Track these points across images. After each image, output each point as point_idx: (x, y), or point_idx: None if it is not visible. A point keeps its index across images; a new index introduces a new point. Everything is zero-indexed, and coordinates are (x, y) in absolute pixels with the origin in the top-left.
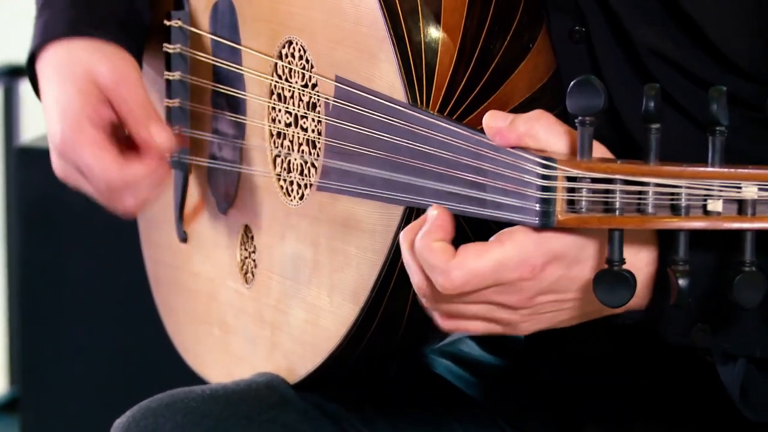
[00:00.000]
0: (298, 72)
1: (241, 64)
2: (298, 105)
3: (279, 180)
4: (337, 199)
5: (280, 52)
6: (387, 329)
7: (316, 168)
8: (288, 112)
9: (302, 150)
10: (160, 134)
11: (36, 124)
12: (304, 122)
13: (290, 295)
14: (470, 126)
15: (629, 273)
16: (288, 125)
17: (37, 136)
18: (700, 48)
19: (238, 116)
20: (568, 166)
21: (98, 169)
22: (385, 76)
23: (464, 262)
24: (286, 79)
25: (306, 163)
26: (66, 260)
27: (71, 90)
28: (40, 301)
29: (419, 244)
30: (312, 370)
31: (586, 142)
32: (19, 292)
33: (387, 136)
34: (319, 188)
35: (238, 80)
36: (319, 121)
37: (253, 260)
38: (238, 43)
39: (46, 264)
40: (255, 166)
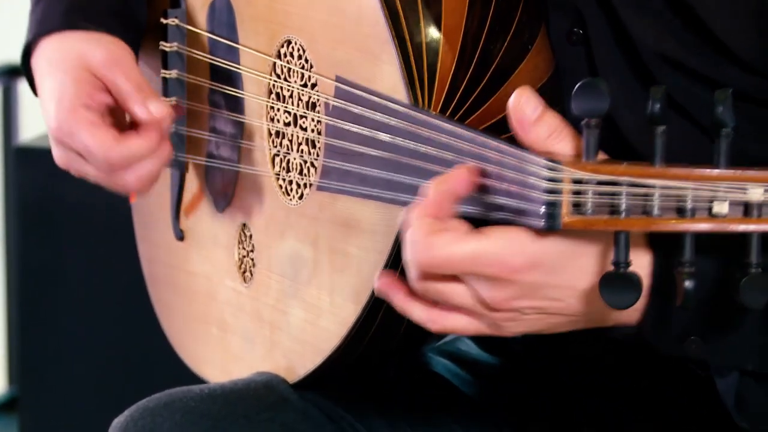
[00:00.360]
0: (297, 71)
1: (238, 63)
2: (298, 104)
3: (278, 179)
4: (337, 199)
5: (279, 51)
6: (387, 330)
7: (316, 168)
8: (287, 112)
9: (301, 149)
10: (156, 106)
11: (35, 123)
12: (304, 122)
13: (289, 295)
14: (473, 127)
15: (636, 275)
16: (287, 124)
17: (36, 136)
18: (704, 43)
19: (236, 115)
20: (574, 168)
21: (95, 147)
22: (387, 76)
23: (441, 242)
24: (285, 79)
25: (305, 162)
26: (65, 260)
27: (66, 79)
28: (39, 300)
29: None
30: (311, 370)
31: (592, 145)
32: (18, 291)
33: (388, 136)
34: (320, 188)
35: (236, 79)
36: (319, 121)
37: (251, 259)
38: (236, 42)
39: (45, 264)
40: (253, 165)
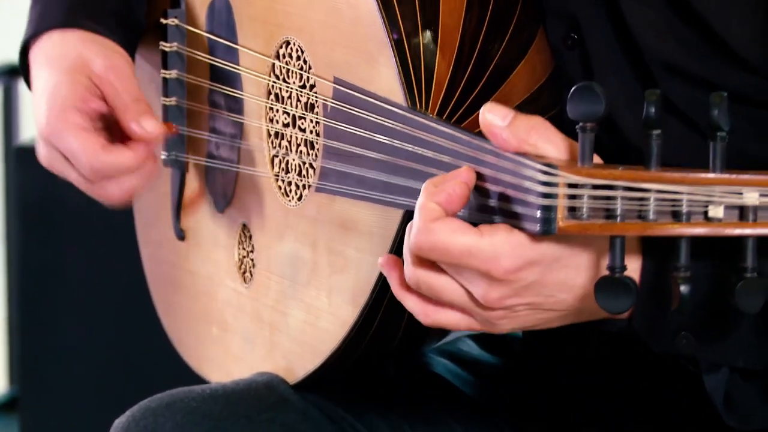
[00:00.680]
0: (296, 73)
1: (238, 64)
2: (296, 106)
3: (277, 180)
4: (335, 201)
5: (278, 52)
6: (386, 331)
7: (315, 169)
8: (286, 113)
9: (300, 151)
10: (151, 124)
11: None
12: (302, 123)
13: (289, 296)
14: (470, 130)
15: (631, 280)
16: (286, 125)
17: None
18: (706, 43)
19: (235, 116)
20: (569, 173)
21: (82, 152)
22: (384, 79)
23: (442, 228)
24: (284, 80)
25: (304, 163)
26: (65, 260)
27: (61, 78)
28: (40, 300)
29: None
30: (311, 371)
31: (587, 149)
32: (18, 291)
33: (386, 138)
34: (318, 189)
35: (235, 79)
36: (318, 122)
37: (251, 259)
38: (235, 43)
39: (45, 264)
40: (253, 165)
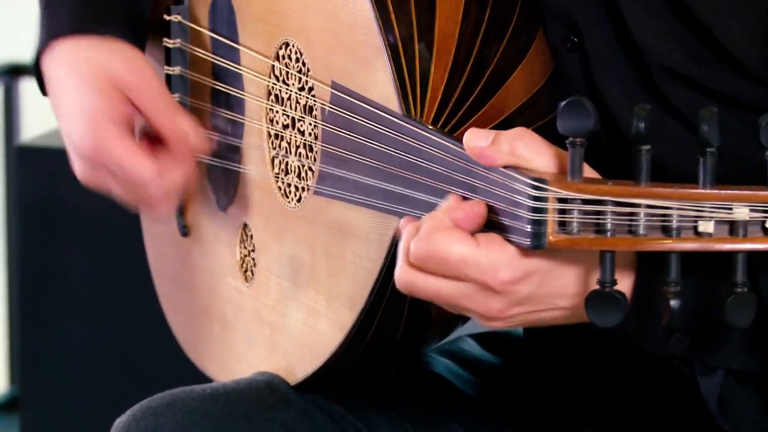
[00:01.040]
0: (295, 75)
1: (239, 63)
2: (295, 108)
3: (277, 181)
4: (333, 204)
5: (277, 53)
6: (384, 335)
7: (313, 171)
8: (285, 114)
9: (299, 152)
10: (192, 130)
11: (36, 123)
12: (301, 125)
13: (288, 297)
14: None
15: (621, 294)
16: (285, 127)
17: (37, 135)
18: (708, 51)
19: (236, 115)
20: (559, 188)
21: (134, 174)
22: (381, 84)
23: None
24: (283, 81)
25: (303, 166)
26: (66, 260)
27: (89, 90)
28: (40, 300)
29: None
30: (310, 373)
31: (577, 163)
32: (19, 291)
33: (380, 145)
34: (316, 192)
35: (236, 78)
36: (316, 125)
37: (253, 259)
38: (237, 42)
39: (46, 263)
40: (253, 165)
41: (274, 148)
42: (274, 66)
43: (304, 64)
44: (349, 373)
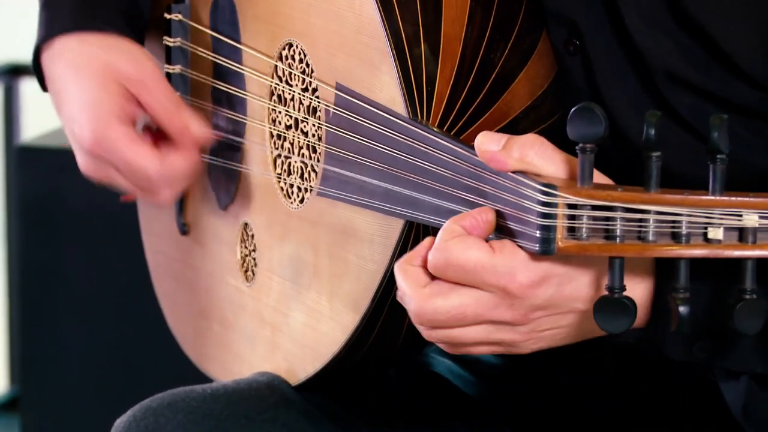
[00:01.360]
0: (299, 76)
1: (241, 63)
2: (299, 108)
3: (279, 181)
4: (337, 206)
5: (281, 53)
6: (387, 337)
7: (317, 173)
8: (288, 115)
9: (302, 153)
10: (195, 123)
11: (36, 122)
12: (305, 126)
13: (290, 297)
14: (470, 144)
15: (630, 300)
16: (288, 127)
17: (38, 135)
18: (711, 57)
19: (238, 115)
20: (569, 193)
21: (137, 165)
22: (386, 87)
23: (458, 246)
24: (287, 82)
25: (306, 166)
26: (66, 260)
27: (93, 87)
28: (40, 300)
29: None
30: (312, 374)
31: (587, 169)
32: (19, 291)
33: (385, 148)
34: (319, 194)
35: (238, 78)
36: (320, 127)
37: (254, 259)
38: (239, 41)
39: (46, 263)
40: (255, 165)
41: (277, 149)
42: (277, 66)
43: (308, 65)
44: (350, 374)
